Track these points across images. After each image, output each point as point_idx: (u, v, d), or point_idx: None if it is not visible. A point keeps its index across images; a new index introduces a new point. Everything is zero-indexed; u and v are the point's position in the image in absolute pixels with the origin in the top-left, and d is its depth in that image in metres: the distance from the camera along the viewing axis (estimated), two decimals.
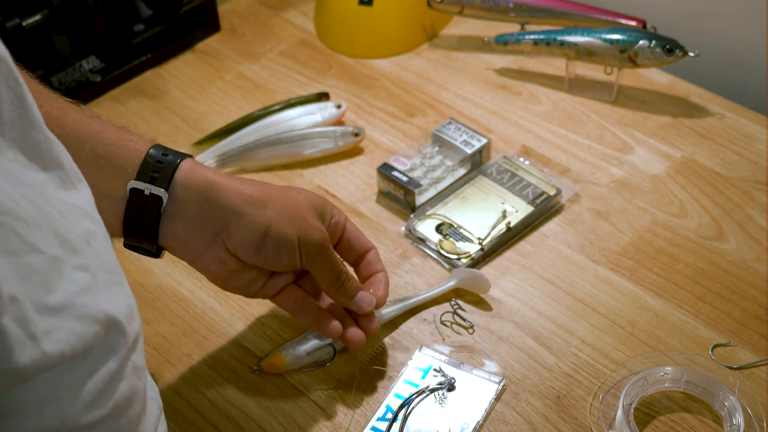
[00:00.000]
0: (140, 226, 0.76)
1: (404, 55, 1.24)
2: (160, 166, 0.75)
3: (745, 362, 0.85)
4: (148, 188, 0.75)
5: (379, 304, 0.85)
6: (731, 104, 1.13)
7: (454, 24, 1.28)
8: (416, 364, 0.86)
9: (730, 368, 0.85)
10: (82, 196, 0.58)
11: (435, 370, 0.85)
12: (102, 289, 0.53)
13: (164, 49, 1.24)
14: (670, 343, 0.87)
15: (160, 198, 0.75)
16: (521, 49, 1.17)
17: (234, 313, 0.92)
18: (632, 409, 0.80)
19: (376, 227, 1.00)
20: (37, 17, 1.07)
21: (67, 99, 0.79)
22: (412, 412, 0.82)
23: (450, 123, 1.07)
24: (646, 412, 0.82)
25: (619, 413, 0.79)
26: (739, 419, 0.78)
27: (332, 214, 0.83)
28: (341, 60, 1.23)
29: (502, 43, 1.18)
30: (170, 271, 0.96)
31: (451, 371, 0.85)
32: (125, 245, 0.79)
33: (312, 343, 0.86)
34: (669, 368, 0.83)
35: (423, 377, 0.85)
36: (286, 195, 0.79)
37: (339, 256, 0.82)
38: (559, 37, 1.13)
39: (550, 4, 1.19)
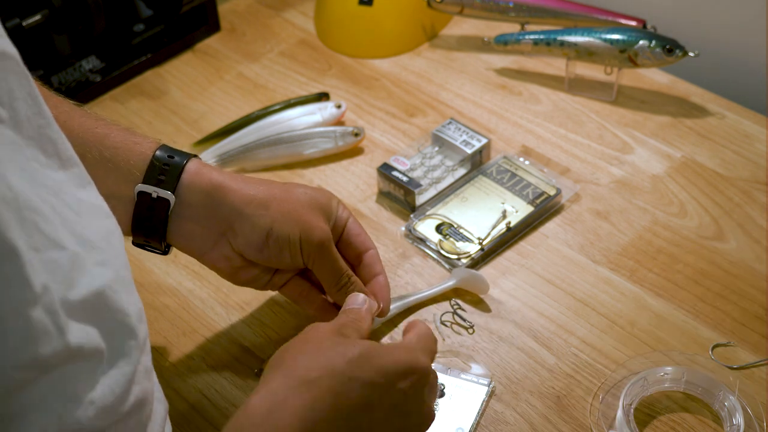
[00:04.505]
0: (149, 227, 0.78)
1: (404, 55, 1.24)
2: (166, 168, 0.77)
3: (745, 362, 0.85)
4: (155, 191, 0.76)
5: (384, 312, 0.84)
6: (731, 104, 1.13)
7: (454, 24, 1.28)
8: None
9: (730, 368, 0.85)
10: (99, 194, 0.59)
11: None
12: (121, 287, 0.54)
13: (164, 49, 1.24)
14: (670, 343, 0.87)
15: (167, 200, 0.77)
16: (521, 49, 1.17)
17: (234, 313, 0.92)
18: (632, 409, 0.80)
19: (376, 227, 1.00)
20: (37, 17, 1.07)
21: (71, 101, 0.79)
22: None
23: (450, 123, 1.07)
24: (646, 412, 0.82)
25: (619, 413, 0.79)
26: (739, 419, 0.78)
27: (337, 210, 0.83)
28: (341, 60, 1.23)
29: (502, 43, 1.18)
30: (170, 271, 0.96)
31: (439, 377, 0.84)
32: (134, 243, 0.80)
33: None
34: (669, 368, 0.83)
35: None
36: (288, 194, 0.80)
37: (341, 257, 0.82)
38: (559, 37, 1.13)
39: (550, 4, 1.19)
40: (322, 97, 1.16)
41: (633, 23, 1.16)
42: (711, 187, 1.03)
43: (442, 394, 0.83)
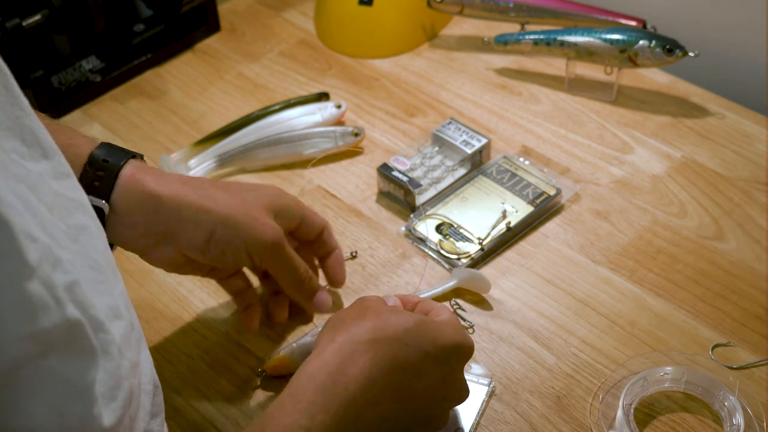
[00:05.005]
0: None
1: (404, 55, 1.24)
2: (100, 175, 0.75)
3: (745, 362, 0.85)
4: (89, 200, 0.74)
5: (339, 284, 0.90)
6: (731, 104, 1.13)
7: (454, 24, 1.28)
8: None
9: (730, 368, 0.85)
10: (78, 184, 0.58)
11: None
12: (86, 287, 0.53)
13: (164, 49, 1.24)
14: (670, 343, 0.87)
15: (101, 210, 0.75)
16: (521, 49, 1.17)
17: (234, 313, 0.92)
18: (632, 409, 0.80)
19: (376, 227, 1.00)
20: (37, 17, 1.07)
21: None
22: None
23: (450, 123, 1.07)
24: (646, 412, 0.82)
25: (619, 413, 0.79)
26: (739, 419, 0.78)
27: (291, 207, 0.84)
28: (341, 60, 1.23)
29: (502, 43, 1.18)
30: None
31: None
32: None
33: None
34: (669, 368, 0.83)
35: None
36: (233, 196, 0.79)
37: (296, 255, 0.83)
38: (559, 37, 1.13)
39: (550, 4, 1.19)
40: (322, 97, 1.16)
41: (633, 23, 1.16)
42: (711, 187, 1.03)
43: None
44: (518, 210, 0.99)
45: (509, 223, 0.97)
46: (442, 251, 0.96)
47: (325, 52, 1.25)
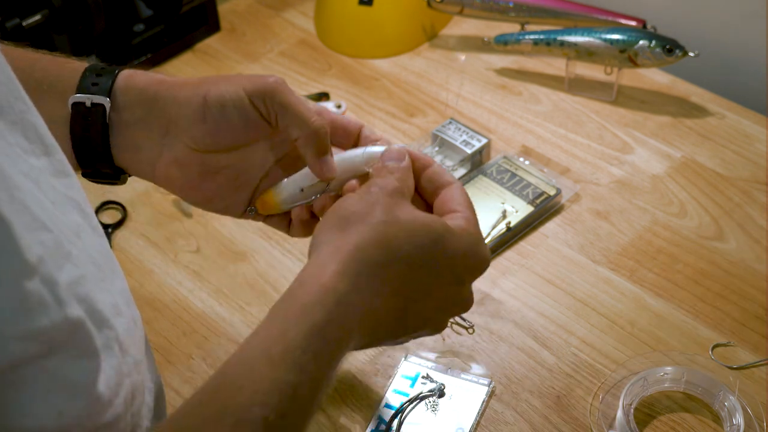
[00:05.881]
0: (88, 140, 0.72)
1: (404, 55, 1.24)
2: (99, 78, 0.73)
3: (745, 362, 0.85)
4: (89, 99, 0.72)
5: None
6: (731, 104, 1.13)
7: (454, 24, 1.28)
8: (403, 373, 0.85)
9: (730, 368, 0.85)
10: (77, 185, 0.58)
11: (423, 377, 0.85)
12: (90, 283, 0.53)
13: (164, 49, 1.24)
14: (670, 343, 0.87)
15: (102, 106, 0.72)
16: (521, 49, 1.17)
17: (234, 313, 0.92)
18: (632, 409, 0.80)
19: None
20: (37, 17, 1.07)
21: (4, 42, 0.75)
22: (405, 421, 0.82)
23: (450, 123, 1.07)
24: (646, 412, 0.82)
25: (619, 413, 0.79)
26: (739, 419, 0.78)
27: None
28: (341, 60, 1.23)
29: (502, 43, 1.18)
30: (170, 271, 0.96)
31: (439, 377, 0.85)
32: (84, 175, 0.75)
33: (305, 178, 0.74)
34: (669, 368, 0.83)
35: (412, 386, 0.84)
36: (227, 75, 0.76)
37: (306, 101, 0.74)
38: (559, 37, 1.13)
39: (550, 4, 1.19)
40: (322, 97, 1.16)
41: (633, 23, 1.16)
42: (711, 187, 1.03)
43: (442, 394, 0.83)
44: (518, 210, 0.99)
45: (509, 223, 0.97)
46: None
47: (325, 52, 1.25)
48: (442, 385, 0.83)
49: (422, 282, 0.65)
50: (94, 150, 0.72)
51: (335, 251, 0.62)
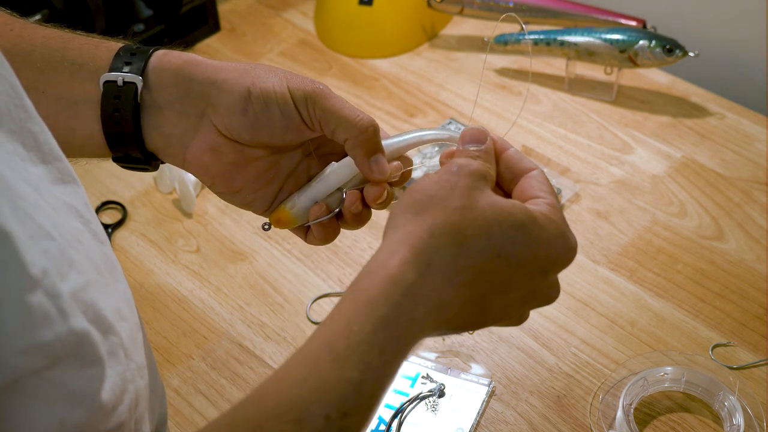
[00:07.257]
0: (119, 122, 0.69)
1: (404, 55, 1.24)
2: (132, 57, 0.70)
3: (745, 362, 0.85)
4: (120, 77, 0.69)
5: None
6: (731, 104, 1.13)
7: (454, 24, 1.28)
8: (403, 373, 0.86)
9: (730, 368, 0.85)
10: (77, 191, 0.58)
11: (423, 377, 0.85)
12: (94, 289, 0.53)
13: None
14: (670, 343, 0.87)
15: (134, 85, 0.69)
16: (521, 49, 1.17)
17: (234, 313, 0.92)
18: (632, 409, 0.80)
19: (377, 228, 1.00)
20: (37, 17, 1.07)
21: (40, 22, 0.74)
22: (405, 421, 0.82)
23: (450, 123, 1.07)
24: (646, 412, 0.82)
25: (619, 413, 0.79)
26: (739, 419, 0.78)
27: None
28: (341, 60, 1.23)
29: (502, 43, 1.18)
30: (170, 271, 0.96)
31: (439, 377, 0.85)
32: (114, 159, 0.72)
33: (319, 189, 0.72)
34: (669, 368, 0.83)
35: (412, 385, 0.85)
36: (267, 65, 0.72)
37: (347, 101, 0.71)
38: (559, 37, 1.13)
39: (550, 4, 1.19)
40: None
41: (633, 23, 1.16)
42: (711, 187, 1.03)
43: (442, 394, 0.83)
44: None
45: None
46: None
47: (325, 52, 1.25)
48: (442, 385, 0.83)
49: (502, 273, 0.61)
50: (125, 131, 0.70)
51: (407, 236, 0.58)
